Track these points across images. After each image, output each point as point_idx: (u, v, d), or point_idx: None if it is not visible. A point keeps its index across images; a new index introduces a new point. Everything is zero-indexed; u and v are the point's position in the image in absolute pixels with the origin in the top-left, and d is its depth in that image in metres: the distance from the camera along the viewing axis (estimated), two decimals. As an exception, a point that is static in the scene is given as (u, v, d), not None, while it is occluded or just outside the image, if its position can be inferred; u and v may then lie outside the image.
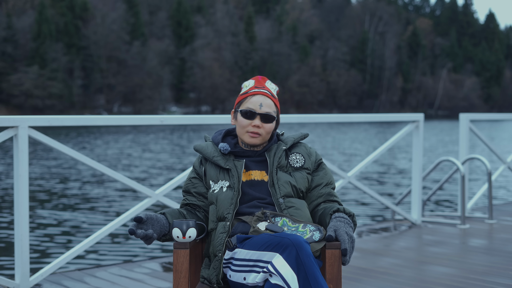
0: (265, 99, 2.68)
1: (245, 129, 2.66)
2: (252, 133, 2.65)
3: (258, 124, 2.65)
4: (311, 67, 78.83)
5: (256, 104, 2.66)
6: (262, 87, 2.72)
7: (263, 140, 2.69)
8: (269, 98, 2.69)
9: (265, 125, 2.66)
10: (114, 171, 4.48)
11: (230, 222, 2.57)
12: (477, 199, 7.67)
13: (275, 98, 2.73)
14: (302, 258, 2.26)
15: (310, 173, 2.71)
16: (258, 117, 2.65)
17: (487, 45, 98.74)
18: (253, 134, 2.65)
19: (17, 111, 54.04)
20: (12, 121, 3.99)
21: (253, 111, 2.65)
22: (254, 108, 2.66)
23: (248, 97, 2.69)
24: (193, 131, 38.12)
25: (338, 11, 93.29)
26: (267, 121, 2.66)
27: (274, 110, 2.69)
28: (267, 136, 2.68)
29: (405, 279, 4.46)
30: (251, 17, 77.25)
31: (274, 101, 2.71)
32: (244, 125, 2.66)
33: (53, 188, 13.13)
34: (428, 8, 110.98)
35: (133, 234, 2.45)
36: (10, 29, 58.64)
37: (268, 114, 2.66)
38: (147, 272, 4.66)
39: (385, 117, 7.17)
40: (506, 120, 30.67)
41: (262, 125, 2.65)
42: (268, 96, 2.69)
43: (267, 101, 2.68)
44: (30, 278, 4.09)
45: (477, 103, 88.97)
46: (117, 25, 65.44)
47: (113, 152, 22.43)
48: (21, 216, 4.00)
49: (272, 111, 2.68)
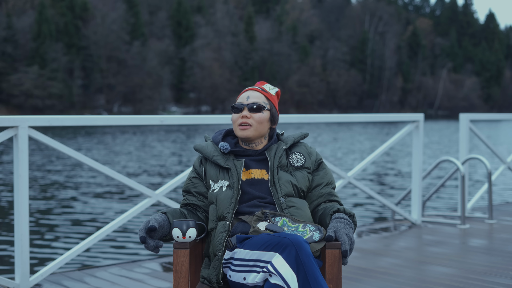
0: (252, 92, 2.72)
1: (236, 123, 2.69)
2: (242, 125, 2.67)
3: (246, 114, 2.67)
4: (311, 67, 78.83)
5: (243, 98, 2.71)
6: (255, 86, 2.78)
7: (256, 132, 2.68)
8: (257, 92, 2.72)
9: (254, 115, 2.67)
10: (114, 171, 4.48)
11: (230, 221, 2.57)
12: (477, 199, 7.67)
13: (267, 92, 2.74)
14: (301, 258, 2.26)
15: (311, 172, 2.71)
16: (246, 107, 2.68)
17: (487, 45, 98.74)
18: (243, 126, 2.67)
19: (17, 111, 54.04)
20: (12, 121, 3.99)
21: (240, 103, 2.69)
22: (241, 101, 2.71)
23: (239, 96, 2.75)
24: (193, 131, 38.12)
25: (338, 11, 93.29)
26: (255, 111, 2.67)
27: (263, 101, 2.70)
28: (259, 127, 2.68)
29: (405, 279, 4.46)
30: (251, 17, 77.25)
31: (266, 94, 2.73)
32: (235, 119, 2.70)
33: (53, 188, 13.13)
34: (428, 8, 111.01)
35: (144, 243, 2.47)
36: (10, 29, 58.64)
37: (256, 103, 2.68)
38: (147, 272, 4.66)
39: (385, 117, 7.17)
40: (506, 120, 30.67)
41: (250, 115, 2.67)
42: (257, 90, 2.73)
43: (254, 94, 2.71)
44: (30, 278, 4.09)
45: (477, 103, 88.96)
46: (117, 25, 65.44)
47: (113, 152, 22.42)
48: (21, 216, 4.00)
49: (261, 101, 2.69)
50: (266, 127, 2.72)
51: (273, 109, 2.73)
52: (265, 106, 2.69)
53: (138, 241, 7.73)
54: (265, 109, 2.69)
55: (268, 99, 2.72)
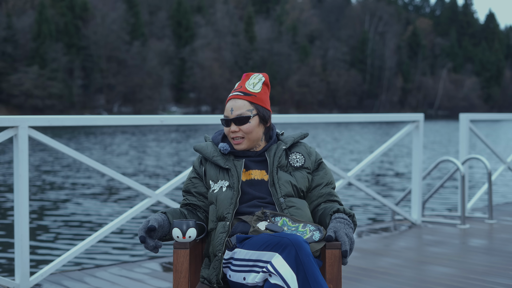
0: (235, 102, 2.66)
1: (229, 136, 2.69)
2: (235, 140, 2.67)
3: (234, 129, 2.65)
4: (311, 67, 78.84)
5: (228, 110, 2.68)
6: (239, 88, 2.70)
7: (249, 142, 2.67)
8: (240, 99, 2.66)
9: (242, 127, 2.65)
10: (114, 171, 4.48)
11: (230, 222, 2.57)
12: (477, 199, 7.67)
13: (251, 95, 2.66)
14: (301, 257, 2.26)
15: (310, 172, 2.71)
16: (232, 122, 2.66)
17: (487, 45, 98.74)
18: (236, 140, 2.67)
19: (17, 111, 54.04)
20: (12, 121, 3.99)
21: (226, 118, 2.67)
22: (227, 115, 2.68)
23: (225, 106, 2.71)
24: (193, 131, 38.12)
25: (338, 11, 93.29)
26: (241, 123, 2.64)
27: (247, 109, 2.65)
28: (251, 136, 2.66)
29: (405, 279, 4.46)
30: (251, 17, 77.26)
31: (249, 99, 2.66)
32: (226, 132, 2.70)
33: (53, 188, 13.13)
34: (428, 8, 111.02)
35: (143, 243, 2.47)
36: (10, 29, 58.64)
37: (240, 116, 2.64)
38: (147, 272, 4.66)
39: (385, 117, 7.17)
40: (506, 120, 30.66)
41: (239, 128, 2.65)
42: (239, 97, 2.66)
43: (237, 104, 2.65)
44: (30, 278, 4.09)
45: (477, 103, 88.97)
46: (117, 25, 65.44)
47: (113, 152, 22.42)
48: (21, 216, 4.00)
49: (245, 110, 2.64)
50: (260, 131, 2.69)
51: (261, 110, 2.67)
52: (251, 114, 2.65)
53: (138, 241, 7.73)
54: (251, 117, 2.65)
55: (252, 103, 2.66)
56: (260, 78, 2.72)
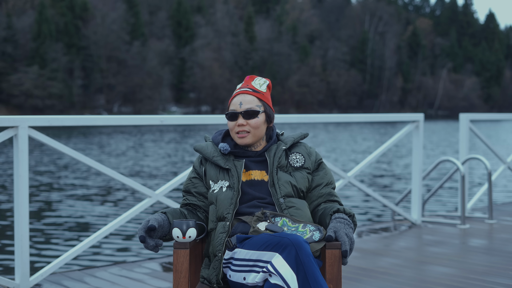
0: (244, 97, 2.68)
1: (233, 131, 2.68)
2: (240, 133, 2.66)
3: (242, 122, 2.65)
4: (311, 67, 78.83)
5: (236, 104, 2.68)
6: (246, 86, 2.72)
7: (254, 137, 2.68)
8: (249, 95, 2.68)
9: (250, 121, 2.65)
10: (114, 171, 4.48)
11: (230, 222, 2.57)
12: (477, 199, 7.67)
13: (259, 92, 2.70)
14: (301, 257, 2.26)
15: (310, 172, 2.71)
16: (240, 115, 2.66)
17: (487, 45, 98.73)
18: (241, 134, 2.66)
19: (17, 111, 54.04)
20: (12, 121, 3.99)
21: (234, 112, 2.67)
22: (235, 108, 2.67)
23: (231, 101, 2.71)
24: (193, 131, 38.11)
25: (338, 11, 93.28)
26: (249, 117, 2.65)
27: (256, 104, 2.67)
28: (257, 132, 2.67)
29: (405, 279, 4.46)
30: (251, 17, 77.25)
31: (257, 95, 2.69)
32: (231, 127, 2.68)
33: (53, 188, 13.13)
34: (428, 8, 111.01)
35: (143, 243, 2.46)
36: (10, 29, 58.64)
37: (249, 110, 2.65)
38: (147, 272, 4.66)
39: (385, 117, 7.17)
40: (506, 120, 30.65)
41: (246, 122, 2.65)
42: (248, 93, 2.69)
43: (246, 98, 2.68)
44: (30, 278, 4.09)
45: (477, 103, 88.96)
46: (117, 25, 65.44)
47: (113, 152, 22.42)
48: (21, 216, 4.00)
49: (254, 105, 2.66)
50: (264, 129, 2.71)
51: (267, 109, 2.71)
52: (260, 110, 2.67)
53: (138, 241, 7.73)
54: (260, 112, 2.67)
55: (260, 100, 2.69)
56: (264, 80, 2.76)
